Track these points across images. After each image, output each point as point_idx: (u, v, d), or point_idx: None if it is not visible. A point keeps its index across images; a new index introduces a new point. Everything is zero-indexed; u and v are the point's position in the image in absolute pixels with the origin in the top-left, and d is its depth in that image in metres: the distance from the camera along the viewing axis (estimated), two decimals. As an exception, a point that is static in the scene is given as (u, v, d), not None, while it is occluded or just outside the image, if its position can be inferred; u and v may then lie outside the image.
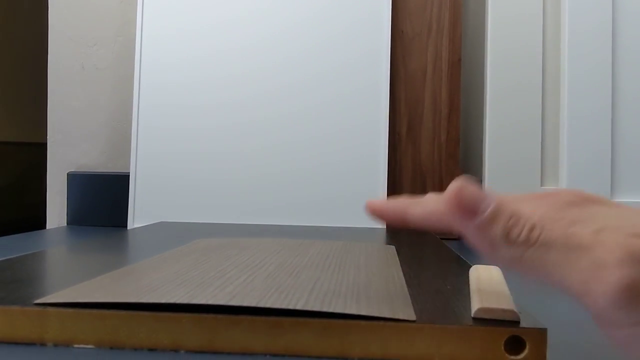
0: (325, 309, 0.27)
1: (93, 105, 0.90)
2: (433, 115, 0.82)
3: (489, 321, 0.28)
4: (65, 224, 0.89)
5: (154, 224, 0.75)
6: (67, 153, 0.90)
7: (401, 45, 0.83)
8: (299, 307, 0.28)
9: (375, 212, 0.29)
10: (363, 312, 0.27)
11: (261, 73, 0.82)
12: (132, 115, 0.83)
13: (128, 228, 0.80)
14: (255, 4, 0.83)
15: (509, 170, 0.80)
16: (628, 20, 0.79)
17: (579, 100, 0.78)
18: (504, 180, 0.80)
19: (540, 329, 0.27)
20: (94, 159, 0.90)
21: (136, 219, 0.82)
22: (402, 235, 0.67)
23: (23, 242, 0.68)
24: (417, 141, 0.82)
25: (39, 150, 0.91)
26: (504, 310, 0.28)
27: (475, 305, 0.28)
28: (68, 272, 0.39)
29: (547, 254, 0.22)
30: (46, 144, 0.90)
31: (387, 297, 0.31)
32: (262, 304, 0.28)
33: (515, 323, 0.27)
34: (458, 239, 0.79)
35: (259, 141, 0.81)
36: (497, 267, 0.38)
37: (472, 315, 0.28)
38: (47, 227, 0.90)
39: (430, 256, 0.51)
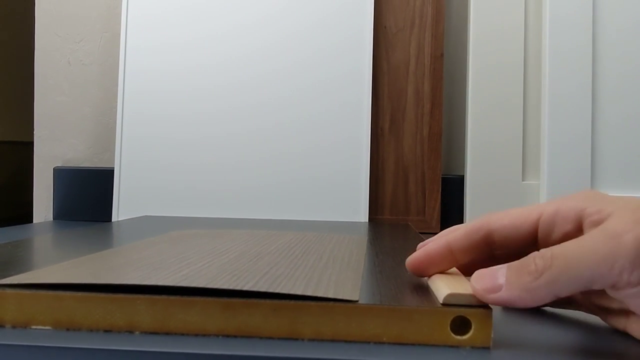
0: (271, 290, 0.28)
1: (79, 100, 0.90)
2: (415, 109, 0.83)
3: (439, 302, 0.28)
4: (52, 219, 0.89)
5: (136, 217, 0.75)
6: (54, 148, 0.90)
7: (384, 40, 0.83)
8: (246, 288, 0.28)
9: (414, 268, 0.32)
10: (308, 293, 0.28)
11: (241, 63, 0.82)
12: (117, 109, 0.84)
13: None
14: None
15: (491, 165, 0.81)
16: (608, 9, 0.79)
17: (560, 97, 0.79)
18: (485, 174, 0.81)
19: (486, 309, 0.27)
20: (80, 154, 0.90)
21: (121, 214, 0.82)
22: (382, 229, 0.68)
23: (2, 235, 0.68)
24: (399, 135, 0.83)
25: (31, 149, 0.91)
26: (472, 295, 0.28)
27: (444, 291, 0.28)
28: (35, 260, 0.39)
29: (567, 264, 0.25)
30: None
31: (338, 281, 0.32)
32: (210, 285, 0.28)
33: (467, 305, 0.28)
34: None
35: (244, 133, 0.82)
36: None
37: (441, 302, 0.28)
38: (33, 222, 0.90)
39: (403, 247, 0.52)
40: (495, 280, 0.27)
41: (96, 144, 0.90)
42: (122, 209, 0.82)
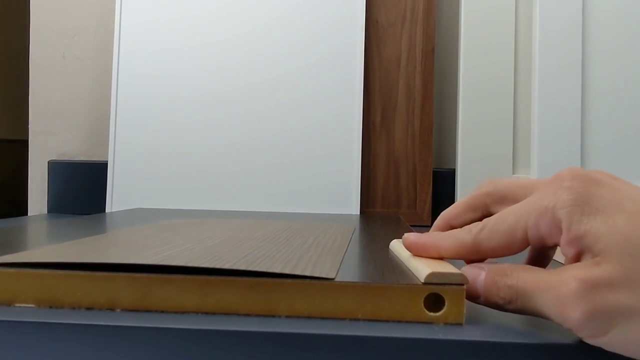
0: (250, 268, 0.29)
1: (74, 95, 0.91)
2: (407, 104, 0.83)
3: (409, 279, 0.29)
4: (46, 213, 0.90)
5: (129, 209, 0.76)
6: (49, 142, 0.91)
7: (375, 34, 0.84)
8: (226, 266, 0.29)
9: (410, 247, 0.32)
10: (286, 271, 0.29)
11: (238, 65, 0.83)
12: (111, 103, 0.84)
13: (106, 215, 0.81)
14: (231, -5, 0.84)
15: (482, 159, 0.81)
16: (599, 12, 0.80)
17: (550, 90, 0.79)
18: (476, 168, 0.81)
19: (458, 286, 0.28)
20: (75, 148, 0.91)
21: (115, 207, 0.83)
22: (373, 220, 0.68)
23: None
24: (391, 130, 0.83)
25: (27, 146, 0.92)
26: (452, 274, 0.28)
27: (424, 270, 0.29)
28: (22, 244, 0.40)
29: (528, 302, 0.27)
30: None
31: (317, 262, 0.32)
32: (189, 264, 0.29)
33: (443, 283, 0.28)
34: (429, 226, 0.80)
35: (236, 130, 0.82)
36: None
37: (423, 281, 0.28)
38: (28, 215, 0.91)
39: (390, 235, 0.52)
40: (475, 287, 0.29)
41: (91, 138, 0.91)
42: (116, 202, 0.83)
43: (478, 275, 0.29)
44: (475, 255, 0.30)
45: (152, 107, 0.84)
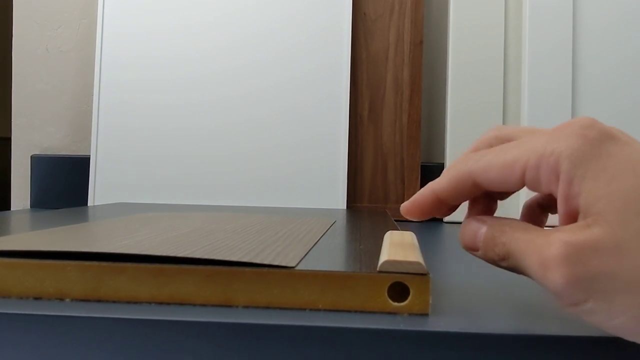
0: (206, 257, 0.27)
1: (57, 88, 0.89)
2: (395, 97, 0.82)
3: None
4: (29, 207, 0.89)
5: (110, 203, 0.74)
6: (32, 136, 0.90)
7: (363, 27, 0.83)
8: (180, 255, 0.28)
9: (409, 211, 0.30)
10: (245, 260, 0.27)
11: (220, 51, 0.82)
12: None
13: (88, 210, 0.80)
14: (216, -14, 0.82)
15: (471, 152, 0.80)
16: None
17: (539, 83, 0.78)
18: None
19: (423, 275, 0.27)
20: (58, 142, 0.89)
21: (97, 202, 0.81)
22: (358, 215, 0.67)
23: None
24: (378, 123, 0.82)
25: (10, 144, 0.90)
26: (410, 263, 0.27)
27: (382, 258, 0.28)
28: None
29: (518, 262, 0.26)
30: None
31: (282, 252, 0.31)
32: (144, 252, 0.28)
33: (411, 273, 0.27)
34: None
35: (220, 123, 0.81)
36: (412, 233, 0.37)
37: (378, 269, 0.27)
38: (10, 210, 0.90)
39: (371, 229, 0.51)
40: (475, 241, 0.28)
41: (75, 132, 0.89)
42: (98, 196, 0.81)
43: (479, 228, 0.28)
44: (470, 189, 0.28)
45: (134, 96, 0.82)
